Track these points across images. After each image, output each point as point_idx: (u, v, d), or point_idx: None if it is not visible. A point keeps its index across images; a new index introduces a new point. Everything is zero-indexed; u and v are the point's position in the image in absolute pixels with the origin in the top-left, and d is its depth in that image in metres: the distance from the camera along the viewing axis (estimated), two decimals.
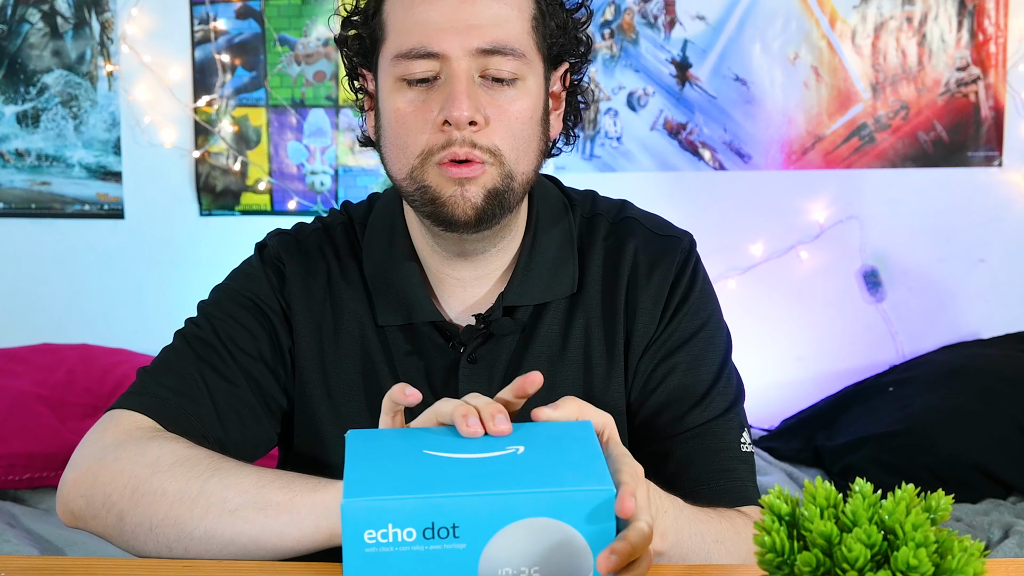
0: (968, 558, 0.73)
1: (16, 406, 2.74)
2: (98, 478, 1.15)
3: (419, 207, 1.22)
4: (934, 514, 0.78)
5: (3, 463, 2.65)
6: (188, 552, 1.10)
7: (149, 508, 1.11)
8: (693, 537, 1.10)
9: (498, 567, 0.86)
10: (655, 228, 1.34)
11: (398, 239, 1.30)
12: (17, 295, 3.21)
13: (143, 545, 1.12)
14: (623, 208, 1.36)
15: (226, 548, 1.08)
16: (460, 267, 1.27)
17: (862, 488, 0.78)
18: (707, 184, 3.15)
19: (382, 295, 1.28)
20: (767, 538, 0.77)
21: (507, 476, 0.88)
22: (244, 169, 3.13)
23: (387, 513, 0.85)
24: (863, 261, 3.17)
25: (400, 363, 1.27)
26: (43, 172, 3.14)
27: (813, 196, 3.15)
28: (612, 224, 1.33)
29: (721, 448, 1.27)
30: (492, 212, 1.20)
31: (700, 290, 1.31)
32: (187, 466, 1.11)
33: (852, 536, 0.73)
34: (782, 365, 3.15)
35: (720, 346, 1.32)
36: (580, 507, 0.86)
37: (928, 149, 3.12)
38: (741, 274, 3.12)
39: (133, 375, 2.93)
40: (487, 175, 1.18)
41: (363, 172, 3.14)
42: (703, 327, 1.30)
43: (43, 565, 1.08)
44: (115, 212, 3.16)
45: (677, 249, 1.31)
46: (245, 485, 1.08)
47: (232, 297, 1.31)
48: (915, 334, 3.18)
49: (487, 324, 1.26)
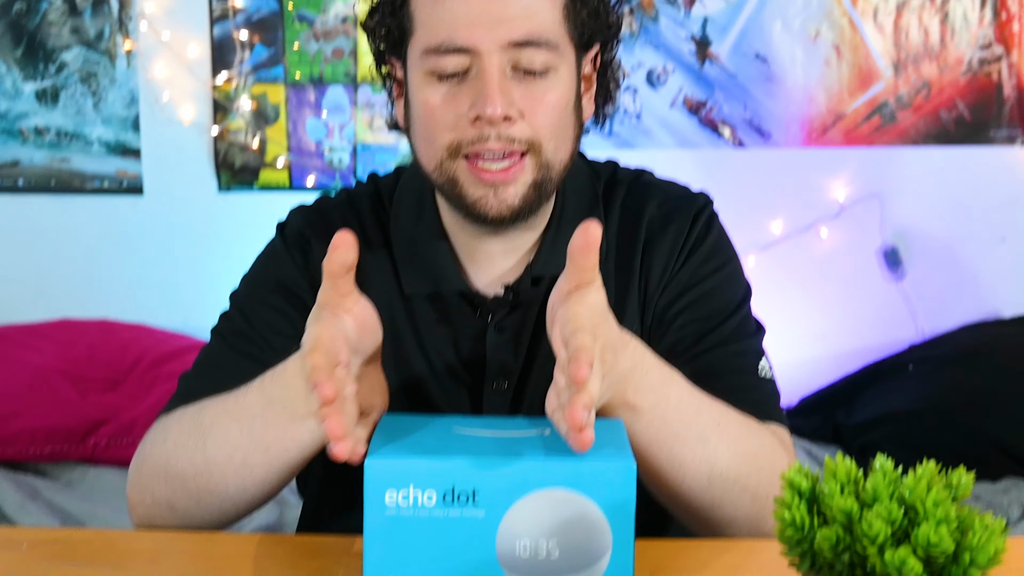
0: (989, 535, 0.73)
1: (37, 380, 2.76)
2: (144, 482, 1.17)
3: (448, 200, 1.21)
4: (955, 491, 0.77)
5: (24, 437, 2.67)
6: (239, 506, 1.13)
7: (183, 489, 1.12)
8: (684, 408, 1.08)
9: (516, 538, 0.86)
10: (671, 191, 1.33)
11: (426, 213, 1.29)
12: (38, 271, 3.22)
13: (205, 520, 1.14)
14: (641, 174, 1.36)
15: (267, 484, 1.10)
16: (490, 242, 1.26)
17: (883, 465, 0.78)
18: (727, 161, 3.13)
19: (409, 265, 1.27)
20: (787, 514, 0.77)
21: (530, 450, 0.88)
22: (263, 146, 3.14)
23: (408, 474, 0.86)
24: (883, 239, 3.15)
25: (427, 332, 1.26)
26: (63, 149, 3.15)
27: (834, 174, 3.14)
28: (630, 190, 1.32)
29: (738, 369, 1.24)
30: (531, 207, 1.19)
31: (716, 238, 1.30)
32: (182, 440, 1.13)
33: (872, 512, 0.73)
34: (802, 343, 3.14)
35: (738, 287, 1.30)
36: (600, 480, 0.86)
37: (950, 128, 3.10)
38: (761, 252, 3.11)
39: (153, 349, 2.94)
40: (526, 170, 1.17)
41: (381, 149, 3.14)
42: (719, 269, 1.28)
43: (64, 537, 1.09)
44: (134, 188, 3.16)
45: (692, 206, 1.30)
46: (235, 439, 1.09)
47: (260, 283, 1.30)
48: (935, 313, 3.16)
49: (515, 294, 1.25)
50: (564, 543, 0.87)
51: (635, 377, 1.03)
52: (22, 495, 2.52)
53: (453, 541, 0.86)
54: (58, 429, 2.69)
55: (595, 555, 0.87)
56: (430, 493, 0.86)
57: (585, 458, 0.86)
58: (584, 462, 0.86)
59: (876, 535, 0.72)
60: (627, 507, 0.87)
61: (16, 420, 2.68)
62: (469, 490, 0.86)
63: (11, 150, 3.15)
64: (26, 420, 2.68)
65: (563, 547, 0.87)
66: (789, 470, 0.79)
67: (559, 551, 0.87)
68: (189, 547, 1.06)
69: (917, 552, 0.72)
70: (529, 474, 0.86)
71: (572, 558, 0.87)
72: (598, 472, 0.86)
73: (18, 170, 3.16)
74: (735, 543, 1.09)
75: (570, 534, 0.87)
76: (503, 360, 1.24)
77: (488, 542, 0.86)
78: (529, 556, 0.87)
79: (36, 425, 2.68)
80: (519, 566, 0.87)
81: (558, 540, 0.87)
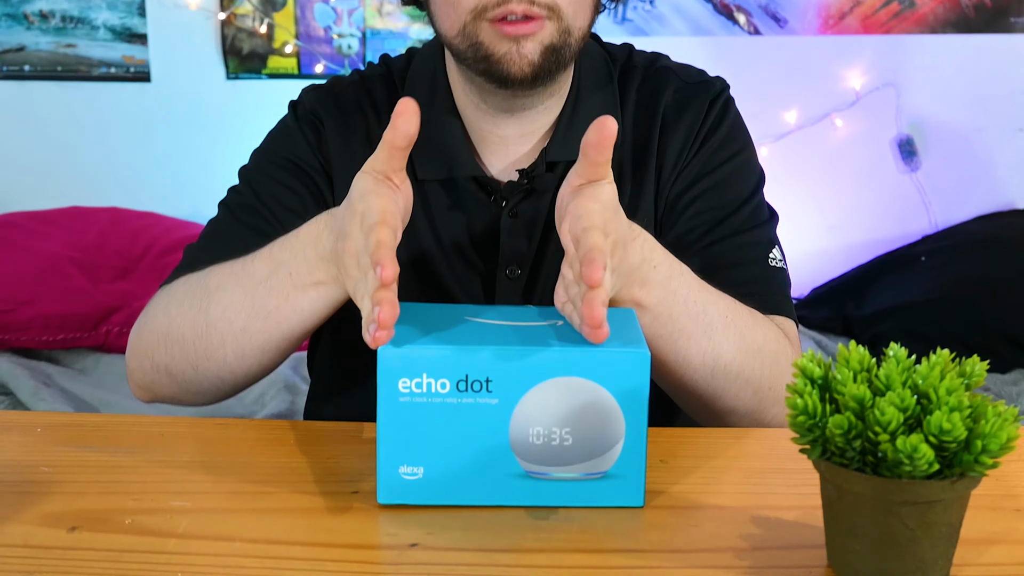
0: (1002, 423, 0.72)
1: (48, 268, 2.77)
2: (143, 346, 1.17)
3: (471, 64, 1.19)
4: (968, 379, 0.77)
5: (37, 323, 2.69)
6: (237, 375, 1.12)
7: (182, 354, 1.13)
8: (691, 304, 1.07)
9: (529, 426, 0.87)
10: (688, 77, 1.31)
11: (440, 94, 1.27)
12: (46, 158, 3.21)
13: (201, 388, 1.15)
14: (657, 59, 1.34)
15: (265, 352, 1.10)
16: (504, 124, 1.25)
17: (896, 352, 0.78)
18: (741, 49, 3.09)
19: (422, 149, 1.25)
20: (799, 400, 0.76)
21: (543, 339, 0.88)
22: (271, 32, 3.10)
23: (421, 362, 0.86)
24: (899, 129, 3.12)
25: (440, 218, 1.26)
26: (68, 34, 3.11)
27: (850, 62, 3.09)
28: (646, 75, 1.31)
29: (748, 260, 1.24)
30: (549, 68, 1.17)
31: (731, 124, 1.29)
32: (186, 303, 1.13)
33: (885, 400, 0.73)
34: (813, 234, 3.13)
35: (751, 175, 1.29)
36: (614, 368, 0.86)
37: (969, 14, 3.04)
38: (774, 141, 3.09)
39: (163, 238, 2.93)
40: (545, 31, 1.15)
41: (391, 35, 3.10)
42: (733, 157, 1.28)
43: (78, 422, 1.09)
44: (141, 75, 3.14)
45: (708, 92, 1.29)
46: (238, 303, 1.08)
47: (271, 158, 1.29)
48: (949, 204, 3.15)
49: (530, 179, 1.24)
50: (577, 431, 0.87)
51: (642, 271, 1.03)
52: (36, 382, 2.55)
53: (466, 428, 0.87)
54: (70, 316, 2.71)
55: (608, 443, 0.88)
56: (443, 381, 0.86)
57: (599, 347, 0.86)
58: (598, 350, 0.86)
59: (888, 422, 0.72)
60: (640, 395, 0.87)
61: (28, 307, 2.70)
62: (482, 378, 0.86)
63: (16, 35, 3.12)
64: (38, 307, 2.70)
65: (576, 434, 0.87)
66: (802, 358, 0.79)
67: (572, 439, 0.87)
68: (200, 432, 1.07)
69: (929, 439, 0.72)
70: (543, 362, 0.86)
71: (585, 445, 0.88)
72: (612, 360, 0.86)
73: (24, 56, 3.13)
74: (746, 431, 1.09)
75: (583, 422, 0.87)
76: (517, 246, 1.24)
77: (501, 429, 0.87)
78: (542, 443, 0.87)
79: (48, 312, 2.70)
80: (532, 453, 0.88)
81: (571, 428, 0.87)
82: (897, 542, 0.75)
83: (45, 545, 0.83)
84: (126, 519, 0.87)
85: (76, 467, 0.97)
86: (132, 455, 1.00)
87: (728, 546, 0.84)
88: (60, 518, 0.87)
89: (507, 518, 0.88)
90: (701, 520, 0.88)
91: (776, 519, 0.88)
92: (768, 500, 0.92)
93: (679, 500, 0.92)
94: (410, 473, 0.88)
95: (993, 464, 0.73)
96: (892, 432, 0.72)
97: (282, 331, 1.07)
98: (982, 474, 0.74)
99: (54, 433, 1.05)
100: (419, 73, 1.30)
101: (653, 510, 0.90)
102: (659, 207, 1.27)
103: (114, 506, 0.89)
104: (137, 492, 0.92)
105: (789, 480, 0.95)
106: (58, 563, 0.80)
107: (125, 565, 0.80)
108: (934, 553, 0.76)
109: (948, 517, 0.75)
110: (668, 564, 0.81)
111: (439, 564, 0.80)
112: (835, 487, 0.77)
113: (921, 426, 0.73)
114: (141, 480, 0.95)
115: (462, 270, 1.25)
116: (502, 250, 1.24)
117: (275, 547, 0.83)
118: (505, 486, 0.88)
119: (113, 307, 2.75)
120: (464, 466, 0.88)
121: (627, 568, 0.80)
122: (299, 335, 1.09)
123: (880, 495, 0.74)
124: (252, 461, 0.99)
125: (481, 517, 0.88)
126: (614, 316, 0.96)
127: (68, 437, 1.04)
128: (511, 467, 0.88)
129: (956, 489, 0.74)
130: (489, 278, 1.25)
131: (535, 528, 0.86)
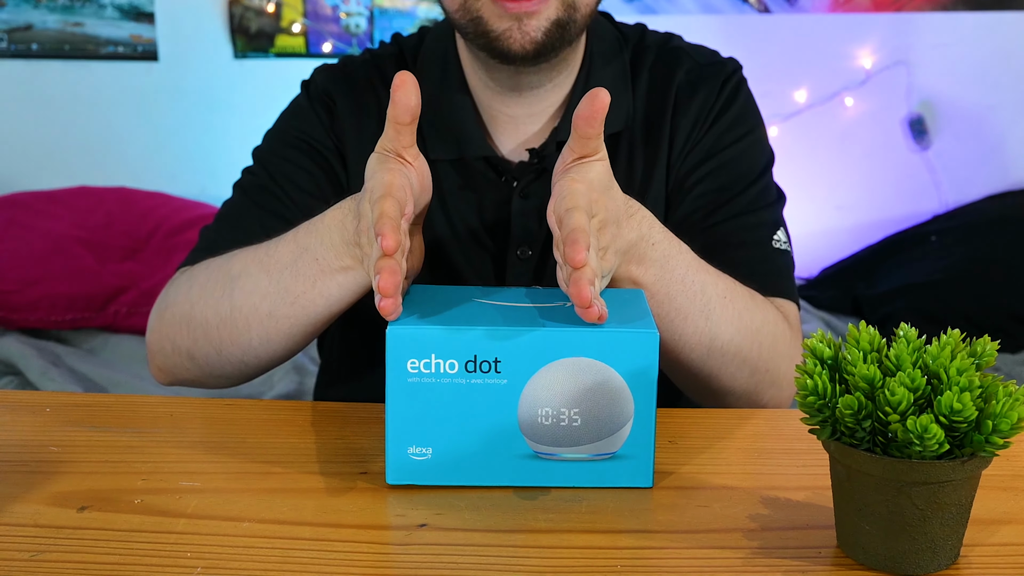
0: (1012, 403, 0.72)
1: (56, 248, 2.77)
2: (165, 330, 1.17)
3: (472, 39, 1.18)
4: (979, 359, 0.77)
5: (45, 303, 2.69)
6: (261, 359, 1.12)
7: (205, 338, 1.12)
8: (689, 283, 1.06)
9: (538, 406, 0.87)
10: (700, 58, 1.31)
11: (451, 73, 1.27)
12: (53, 137, 3.21)
13: (225, 372, 1.14)
14: (670, 39, 1.33)
15: (292, 337, 1.09)
16: (513, 104, 1.24)
17: (906, 333, 0.78)
18: (751, 28, 3.08)
19: (433, 128, 1.25)
20: (809, 381, 0.76)
21: (552, 319, 0.88)
22: (278, 11, 3.09)
23: (430, 342, 0.86)
24: (909, 108, 3.11)
25: (451, 197, 1.25)
26: (75, 13, 3.11)
27: (860, 41, 3.08)
28: (658, 55, 1.30)
29: (751, 242, 1.23)
30: (553, 44, 1.16)
31: (743, 104, 1.29)
32: (209, 287, 1.12)
33: (895, 380, 0.73)
34: (823, 214, 3.12)
35: (759, 155, 1.29)
36: (621, 348, 0.86)
37: None
38: (784, 121, 3.08)
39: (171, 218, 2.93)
40: (551, 5, 1.14)
41: (399, 14, 3.09)
42: (743, 137, 1.27)
43: (87, 402, 1.10)
44: (149, 54, 3.13)
45: (721, 73, 1.29)
46: (264, 288, 1.07)
47: (284, 139, 1.29)
48: (960, 183, 3.13)
49: (540, 159, 1.24)
50: (586, 411, 0.87)
51: (640, 248, 1.01)
52: (45, 362, 2.55)
53: (475, 408, 0.87)
54: (78, 296, 2.71)
55: (617, 423, 0.88)
56: (452, 362, 0.86)
57: (608, 327, 0.86)
58: (607, 330, 0.86)
59: (898, 403, 0.72)
60: (649, 375, 0.87)
61: (36, 287, 2.70)
62: (491, 358, 0.86)
63: (24, 13, 3.11)
64: (46, 287, 2.70)
65: (585, 415, 0.87)
66: (812, 338, 0.79)
67: (581, 419, 0.87)
68: (209, 412, 1.07)
69: (939, 419, 0.72)
70: (551, 343, 0.86)
71: (594, 426, 0.88)
72: (621, 340, 0.86)
73: (31, 34, 3.13)
74: (756, 412, 1.09)
75: (592, 402, 0.87)
76: (528, 227, 1.23)
77: (510, 410, 0.87)
78: (551, 424, 0.87)
79: (56, 292, 2.70)
80: (541, 434, 0.88)
81: (580, 408, 0.87)
82: (907, 522, 0.75)
83: (55, 525, 0.83)
84: (135, 499, 0.87)
85: (85, 447, 0.97)
86: (141, 435, 1.00)
87: (737, 526, 0.84)
88: (69, 498, 0.87)
89: (516, 499, 0.88)
90: (710, 500, 0.88)
91: (785, 499, 0.88)
92: (777, 481, 0.92)
93: (688, 480, 0.92)
94: (419, 454, 0.88)
95: (1004, 444, 0.73)
96: (902, 412, 0.72)
97: (309, 316, 1.06)
98: (992, 454, 0.73)
99: (63, 413, 1.05)
100: (431, 52, 1.30)
101: (662, 490, 0.90)
102: (669, 186, 1.27)
103: (123, 486, 0.90)
104: (146, 472, 0.92)
105: (798, 460, 0.95)
106: (67, 542, 0.81)
107: (134, 545, 0.80)
108: (944, 533, 0.76)
109: (958, 497, 0.75)
110: (677, 544, 0.81)
111: (448, 544, 0.81)
112: (845, 467, 0.77)
113: (931, 406, 0.73)
114: (150, 460, 0.95)
115: (473, 250, 1.25)
116: (513, 231, 1.23)
117: (283, 527, 0.83)
118: (514, 467, 0.89)
119: (121, 287, 2.75)
120: (473, 447, 0.88)
121: (636, 548, 0.80)
122: (326, 319, 1.08)
123: (890, 475, 0.74)
124: (261, 441, 1.00)
125: (490, 498, 0.88)
126: (623, 296, 0.96)
127: (77, 417, 1.04)
128: (520, 448, 0.88)
129: (966, 469, 0.74)
130: (500, 258, 1.25)
131: (544, 509, 0.86)
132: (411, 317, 0.87)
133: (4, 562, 0.78)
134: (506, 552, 0.80)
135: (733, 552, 0.80)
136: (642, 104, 1.27)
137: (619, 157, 1.25)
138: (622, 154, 1.26)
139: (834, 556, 0.79)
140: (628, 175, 1.25)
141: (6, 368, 2.61)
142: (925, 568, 0.76)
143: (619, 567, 0.78)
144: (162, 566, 0.77)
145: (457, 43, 1.27)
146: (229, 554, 0.79)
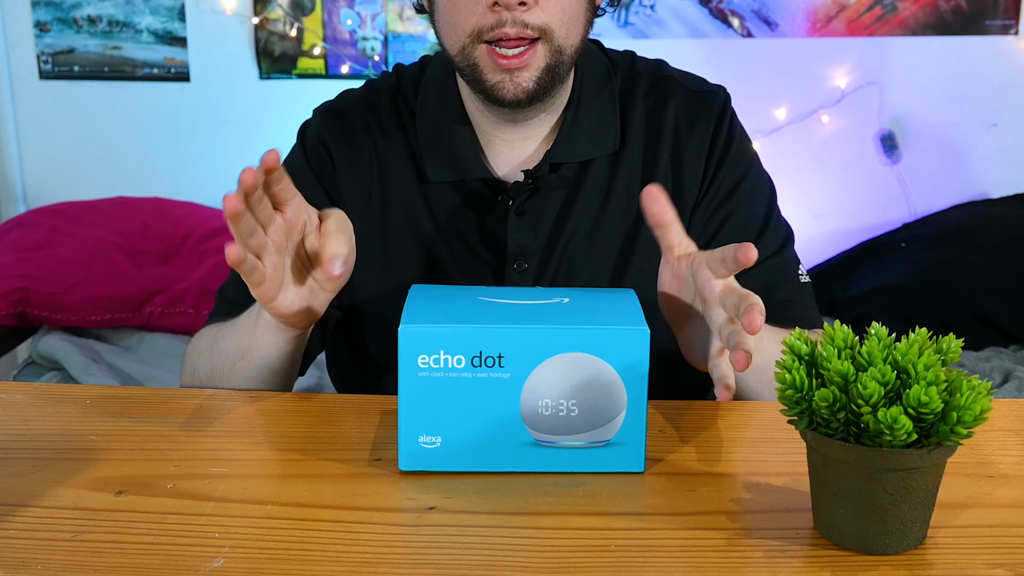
0: (976, 396, 0.72)
1: (96, 253, 2.77)
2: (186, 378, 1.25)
3: (469, 83, 1.18)
4: (944, 356, 0.77)
5: (86, 304, 2.70)
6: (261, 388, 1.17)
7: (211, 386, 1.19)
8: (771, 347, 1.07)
9: (539, 398, 0.87)
10: (692, 85, 1.30)
11: (450, 101, 1.27)
12: (94, 152, 3.22)
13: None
14: (660, 67, 1.32)
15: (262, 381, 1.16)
16: (509, 130, 1.24)
17: (878, 331, 0.78)
18: (735, 51, 3.08)
19: (433, 153, 1.25)
20: (787, 376, 0.76)
21: (551, 316, 0.88)
22: (300, 35, 3.09)
23: (439, 339, 0.86)
24: (881, 125, 3.11)
25: (448, 217, 1.25)
26: (114, 37, 3.11)
27: (836, 63, 3.08)
28: (651, 83, 1.30)
29: (781, 281, 1.24)
30: (544, 89, 1.16)
31: (739, 141, 1.28)
32: (201, 349, 1.22)
33: (867, 375, 0.73)
34: (801, 222, 3.11)
35: (765, 189, 1.29)
36: (617, 345, 0.86)
37: (948, 18, 3.02)
38: (765, 136, 3.07)
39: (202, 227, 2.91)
40: (539, 56, 1.14)
41: (411, 39, 3.09)
42: (746, 175, 1.27)
43: (124, 395, 1.10)
44: (181, 75, 3.13)
45: (715, 103, 1.28)
46: (228, 349, 1.16)
47: None
48: (928, 194, 3.13)
49: (535, 179, 1.24)
50: (582, 402, 0.87)
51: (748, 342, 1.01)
52: (85, 358, 2.56)
53: (480, 400, 0.87)
54: (116, 298, 2.71)
55: (611, 414, 0.88)
56: (459, 357, 0.86)
57: (603, 324, 0.86)
58: (602, 328, 0.86)
59: (870, 395, 0.72)
60: (641, 370, 0.87)
61: (78, 289, 2.70)
62: (496, 354, 0.86)
63: (67, 38, 3.12)
64: (87, 289, 2.70)
65: (581, 406, 0.87)
66: (789, 336, 0.79)
67: (578, 409, 0.87)
68: (235, 404, 1.07)
69: (908, 411, 0.72)
70: (551, 339, 0.86)
71: (590, 416, 0.88)
72: (615, 337, 0.86)
73: (73, 57, 3.13)
74: (739, 404, 1.09)
75: (588, 394, 0.87)
76: (524, 242, 1.23)
77: (513, 401, 0.87)
78: (550, 414, 0.87)
79: (96, 294, 2.70)
80: (541, 423, 0.88)
81: (577, 400, 0.87)
82: (878, 506, 0.75)
83: (94, 507, 0.83)
84: (168, 484, 0.87)
85: (122, 436, 0.98)
86: (173, 425, 1.00)
87: (722, 509, 0.84)
88: (107, 483, 0.88)
89: (518, 483, 0.88)
90: (697, 485, 0.88)
91: (766, 485, 0.88)
92: (759, 467, 0.92)
93: (677, 467, 0.92)
94: (429, 442, 0.88)
95: (967, 434, 0.72)
96: (874, 404, 0.72)
97: (259, 366, 1.14)
98: (957, 443, 0.73)
99: (102, 405, 1.05)
100: (431, 81, 1.30)
101: (653, 476, 0.90)
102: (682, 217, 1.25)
103: (157, 472, 0.90)
104: (178, 459, 0.93)
105: (778, 449, 0.95)
106: (106, 524, 0.81)
107: (167, 526, 0.80)
108: (912, 516, 0.75)
109: (925, 483, 0.75)
110: (666, 526, 0.81)
111: (455, 526, 0.81)
112: (821, 455, 0.77)
113: (900, 399, 0.73)
114: (182, 448, 0.95)
115: (472, 266, 1.25)
116: (510, 247, 1.23)
117: (304, 510, 0.83)
118: (516, 454, 0.89)
119: (155, 290, 2.75)
120: (478, 435, 0.88)
121: (629, 530, 0.80)
122: (281, 365, 1.15)
123: (862, 463, 0.74)
124: (284, 431, 1.00)
125: (494, 483, 0.88)
126: (616, 296, 0.96)
127: (115, 409, 1.04)
128: (522, 436, 0.88)
129: (933, 457, 0.74)
130: (498, 272, 1.24)
131: (544, 492, 0.86)
132: (421, 316, 0.88)
133: (48, 542, 0.78)
134: (509, 533, 0.80)
135: (718, 533, 0.80)
136: (640, 131, 1.27)
137: (618, 178, 1.25)
138: (621, 176, 1.25)
139: (811, 537, 0.79)
140: (627, 197, 1.25)
141: (50, 364, 2.61)
142: (895, 548, 0.76)
143: (613, 547, 0.78)
144: (192, 545, 0.77)
145: (456, 74, 1.27)
146: (254, 534, 0.79)
